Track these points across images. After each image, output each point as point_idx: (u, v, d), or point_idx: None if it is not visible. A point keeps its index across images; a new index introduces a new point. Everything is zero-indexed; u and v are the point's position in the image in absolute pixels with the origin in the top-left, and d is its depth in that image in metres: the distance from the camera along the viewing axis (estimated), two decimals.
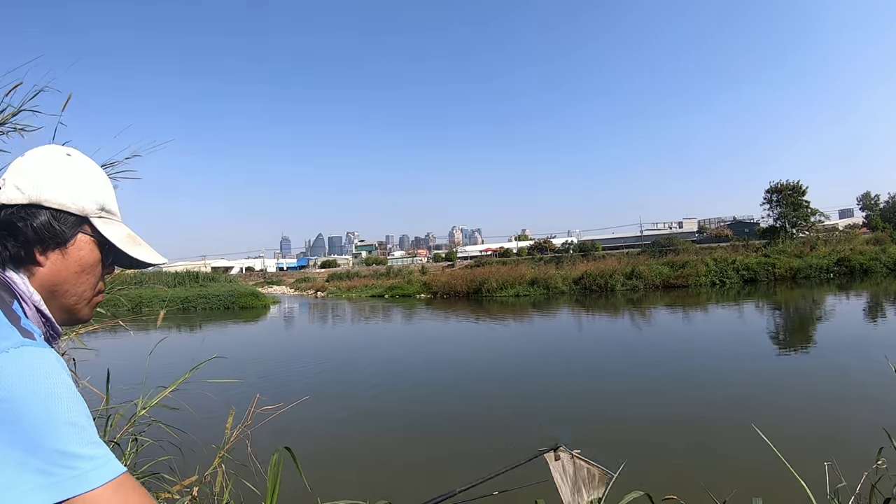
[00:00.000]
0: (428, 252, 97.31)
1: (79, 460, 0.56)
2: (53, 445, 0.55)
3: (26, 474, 0.53)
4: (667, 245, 35.42)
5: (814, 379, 7.56)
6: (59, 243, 0.72)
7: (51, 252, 0.72)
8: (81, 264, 0.75)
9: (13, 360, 0.57)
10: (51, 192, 0.72)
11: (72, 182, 0.74)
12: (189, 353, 2.05)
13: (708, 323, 14.62)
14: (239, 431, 1.78)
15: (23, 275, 0.71)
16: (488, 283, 27.80)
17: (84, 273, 0.76)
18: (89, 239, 0.76)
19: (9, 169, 0.75)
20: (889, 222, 36.15)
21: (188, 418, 2.09)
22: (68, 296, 0.75)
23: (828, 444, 4.72)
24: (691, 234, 59.02)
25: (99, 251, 0.77)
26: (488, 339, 14.25)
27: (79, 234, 0.74)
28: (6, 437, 0.53)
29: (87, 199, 0.75)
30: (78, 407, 0.59)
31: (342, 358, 11.88)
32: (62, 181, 0.74)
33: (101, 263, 0.78)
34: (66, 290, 0.74)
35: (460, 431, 6.12)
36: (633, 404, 6.72)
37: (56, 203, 0.72)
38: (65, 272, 0.73)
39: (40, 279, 0.72)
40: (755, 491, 3.29)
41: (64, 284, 0.74)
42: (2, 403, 0.54)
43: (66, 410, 0.57)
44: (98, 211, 0.77)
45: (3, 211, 0.70)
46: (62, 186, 0.73)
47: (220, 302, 28.16)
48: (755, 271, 25.30)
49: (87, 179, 0.77)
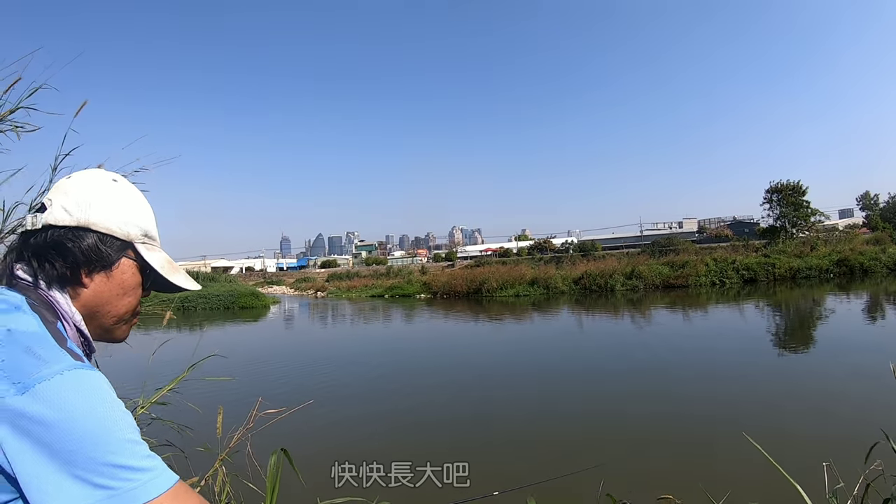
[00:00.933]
0: (428, 252, 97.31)
1: (137, 472, 0.59)
2: (113, 461, 0.58)
3: (84, 488, 0.56)
4: (667, 245, 35.40)
5: (814, 379, 7.56)
6: (104, 266, 0.75)
7: (96, 274, 0.75)
8: (124, 287, 0.78)
9: (68, 382, 0.59)
10: (98, 216, 0.75)
11: (119, 208, 0.78)
12: (189, 354, 2.06)
13: (707, 323, 14.62)
14: (240, 434, 1.78)
15: (66, 295, 0.73)
16: (488, 283, 27.77)
17: (125, 296, 0.79)
18: (132, 263, 0.79)
19: (54, 189, 0.77)
20: (889, 222, 36.15)
21: (188, 419, 2.10)
22: (109, 317, 0.78)
23: (827, 444, 4.72)
24: (691, 234, 59.01)
25: (140, 275, 0.80)
26: (488, 338, 14.25)
27: (123, 258, 0.77)
28: (66, 456, 0.56)
29: (133, 225, 0.78)
30: (131, 424, 0.63)
31: (342, 358, 11.88)
32: (109, 206, 0.76)
33: (140, 286, 0.81)
34: (107, 312, 0.77)
35: (461, 431, 6.11)
36: (633, 404, 6.72)
37: (103, 227, 0.75)
38: (107, 294, 0.76)
39: (83, 300, 0.75)
40: (754, 491, 3.30)
41: (106, 305, 0.77)
42: (62, 424, 0.56)
43: (122, 428, 0.60)
44: (142, 237, 0.80)
45: (51, 231, 0.72)
46: (110, 211, 0.76)
47: (220, 302, 28.11)
48: (755, 271, 25.27)
49: (132, 206, 0.80)
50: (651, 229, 69.42)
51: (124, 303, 0.79)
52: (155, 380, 1.94)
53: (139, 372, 1.95)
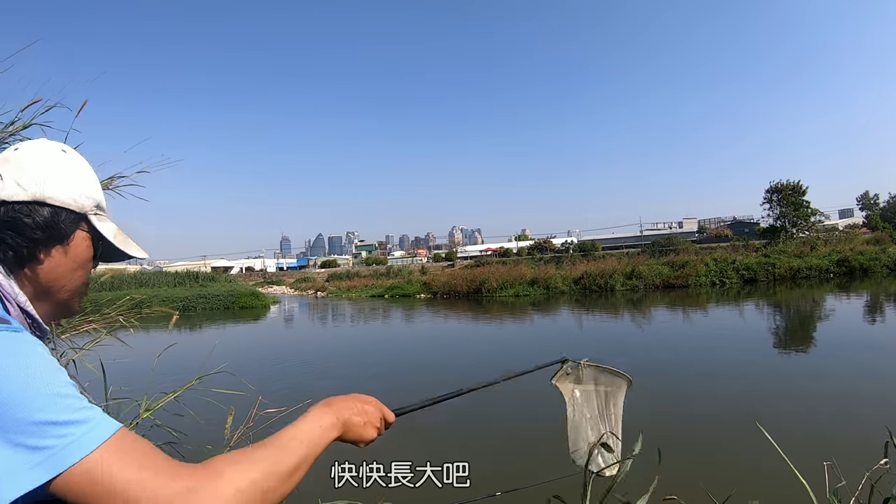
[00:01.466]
0: (428, 252, 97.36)
1: (71, 426, 0.54)
2: (44, 418, 0.53)
3: (21, 453, 0.51)
4: (667, 245, 35.42)
5: (814, 379, 7.55)
6: (59, 240, 0.73)
7: (52, 249, 0.72)
8: (78, 261, 0.76)
9: None
10: (54, 189, 0.72)
11: (72, 180, 0.75)
12: (189, 354, 2.05)
13: (708, 323, 14.62)
14: (241, 433, 1.78)
15: (10, 275, 0.70)
16: (488, 283, 27.77)
17: (79, 269, 0.77)
18: (86, 235, 0.77)
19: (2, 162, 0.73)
20: (889, 222, 36.17)
21: (189, 421, 2.09)
22: (64, 291, 0.76)
23: (828, 443, 4.72)
24: (691, 234, 59.08)
25: (93, 247, 0.78)
26: (488, 337, 14.25)
27: (77, 231, 0.75)
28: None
29: (85, 196, 0.76)
30: (61, 378, 0.57)
31: (342, 357, 11.88)
32: (64, 179, 0.74)
33: (92, 259, 0.79)
34: (62, 286, 0.75)
35: (461, 431, 6.11)
36: (633, 403, 6.70)
37: (58, 201, 0.72)
38: (62, 268, 0.74)
39: (40, 276, 0.72)
40: (755, 491, 3.29)
41: (60, 280, 0.74)
42: None
43: (49, 383, 0.55)
44: (94, 208, 0.78)
45: (4, 209, 0.69)
46: (64, 184, 0.73)
47: (220, 302, 28.11)
48: (755, 271, 25.27)
49: (84, 177, 0.77)
50: (651, 229, 69.48)
51: (78, 276, 0.77)
52: (157, 381, 1.94)
53: (141, 373, 1.95)
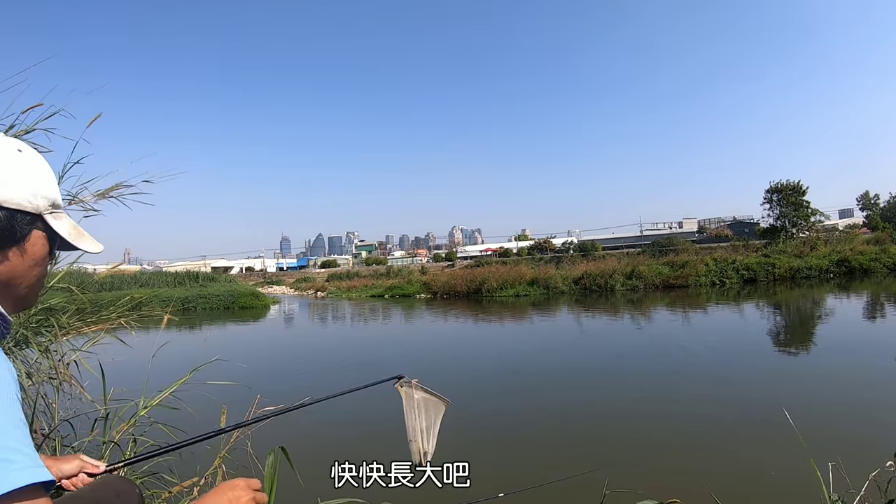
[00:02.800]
0: (428, 252, 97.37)
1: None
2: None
3: None
4: (667, 245, 35.42)
5: (815, 379, 7.54)
6: (15, 242, 0.74)
7: (8, 251, 0.74)
8: (35, 259, 0.78)
9: None
10: (9, 193, 0.72)
11: (27, 181, 0.75)
12: (189, 354, 2.04)
13: (708, 323, 14.61)
14: (239, 432, 1.77)
15: None
16: (488, 283, 27.76)
17: (37, 266, 0.79)
18: (42, 234, 0.78)
19: None
20: (889, 222, 36.17)
21: (189, 419, 2.08)
22: (21, 288, 0.78)
23: (829, 443, 4.71)
24: (691, 234, 59.08)
25: (49, 245, 0.80)
26: (488, 338, 14.25)
27: (33, 231, 0.76)
28: None
29: (41, 197, 0.77)
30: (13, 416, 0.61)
31: (341, 357, 11.86)
32: (17, 180, 0.74)
33: (49, 255, 0.81)
34: (19, 283, 0.77)
35: (461, 430, 6.10)
36: (635, 403, 6.71)
37: (14, 204, 0.73)
38: (20, 267, 0.76)
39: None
40: (756, 491, 3.29)
41: (18, 278, 0.76)
42: None
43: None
44: (49, 208, 0.78)
45: None
46: (18, 186, 0.73)
47: (220, 302, 28.12)
48: (755, 271, 25.26)
49: (39, 177, 0.77)
50: (651, 229, 69.48)
51: (35, 272, 0.79)
52: (156, 380, 1.93)
53: (140, 373, 1.94)
